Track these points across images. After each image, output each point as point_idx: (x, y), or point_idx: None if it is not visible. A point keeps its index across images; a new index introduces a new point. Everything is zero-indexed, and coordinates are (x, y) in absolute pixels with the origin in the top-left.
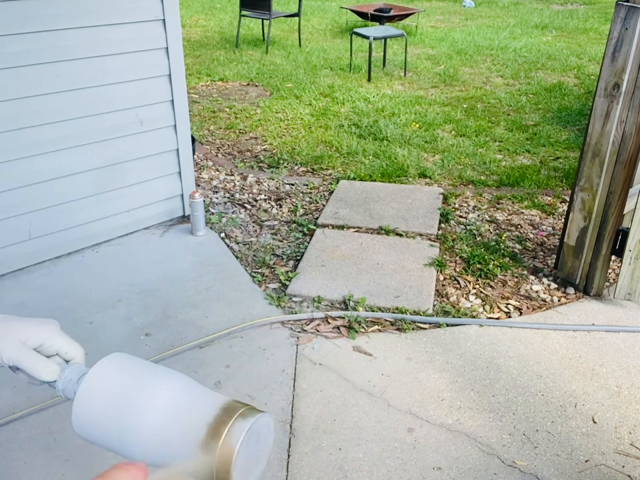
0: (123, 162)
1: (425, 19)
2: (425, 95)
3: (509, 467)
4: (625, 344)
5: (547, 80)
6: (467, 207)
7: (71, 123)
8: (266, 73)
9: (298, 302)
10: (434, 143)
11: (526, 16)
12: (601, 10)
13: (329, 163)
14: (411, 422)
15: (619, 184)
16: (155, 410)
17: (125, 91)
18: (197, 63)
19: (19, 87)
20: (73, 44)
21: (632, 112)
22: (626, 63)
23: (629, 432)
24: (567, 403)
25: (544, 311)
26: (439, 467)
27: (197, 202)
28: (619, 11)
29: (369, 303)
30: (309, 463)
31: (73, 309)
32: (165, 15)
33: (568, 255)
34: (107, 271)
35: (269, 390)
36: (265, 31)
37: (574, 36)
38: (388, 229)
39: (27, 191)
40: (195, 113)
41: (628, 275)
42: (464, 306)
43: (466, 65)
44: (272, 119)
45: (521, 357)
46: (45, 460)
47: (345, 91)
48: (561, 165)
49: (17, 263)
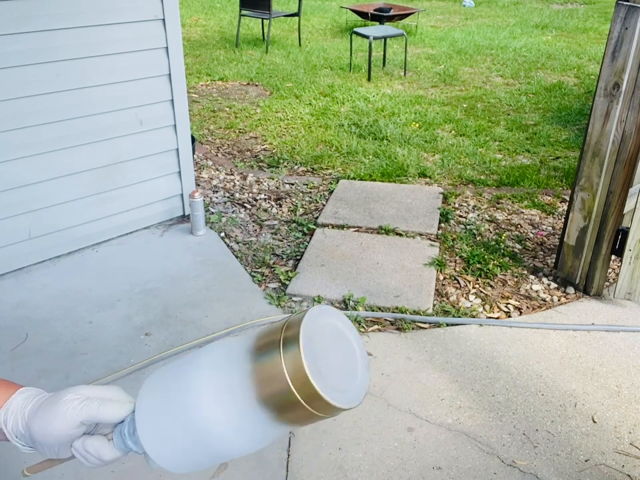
0: (122, 161)
1: (424, 18)
2: (424, 94)
3: (509, 466)
4: (624, 343)
5: (547, 79)
6: (466, 207)
7: (71, 122)
8: (266, 72)
9: (298, 301)
10: (434, 143)
11: (526, 15)
12: (601, 10)
13: (329, 162)
14: (410, 421)
15: (619, 183)
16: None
17: (124, 91)
18: (197, 62)
19: (19, 87)
20: (72, 43)
21: (632, 111)
22: (626, 62)
23: (629, 431)
24: (566, 403)
25: (544, 310)
26: (438, 466)
27: (197, 201)
28: (618, 11)
29: (368, 302)
30: (308, 462)
31: (73, 308)
32: (165, 15)
33: (568, 254)
34: (106, 271)
35: None
36: (264, 31)
37: (574, 35)
38: (388, 228)
39: (27, 190)
40: (194, 113)
41: (628, 275)
42: (464, 305)
43: (466, 65)
44: (272, 118)
45: (520, 357)
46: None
47: (345, 91)
48: (560, 165)
49: (17, 262)
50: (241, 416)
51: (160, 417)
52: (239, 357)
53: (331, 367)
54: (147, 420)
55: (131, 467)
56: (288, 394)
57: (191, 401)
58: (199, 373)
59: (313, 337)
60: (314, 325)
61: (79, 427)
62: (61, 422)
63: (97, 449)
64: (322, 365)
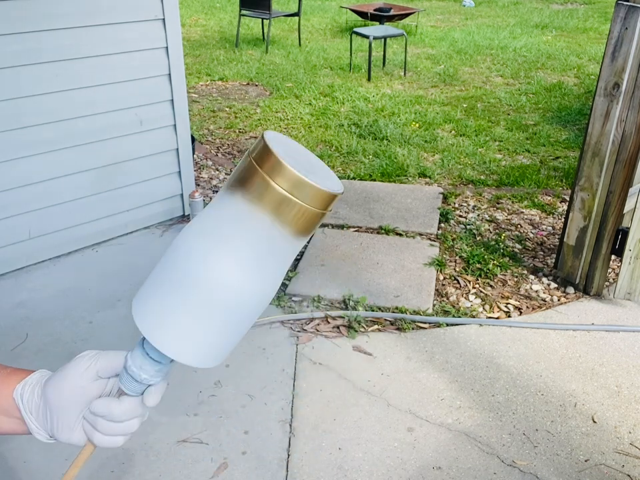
0: (122, 161)
1: (424, 18)
2: (424, 94)
3: (509, 466)
4: (624, 343)
5: (547, 79)
6: (466, 207)
7: (71, 122)
8: (266, 72)
9: (298, 301)
10: (434, 143)
11: (526, 15)
12: (601, 10)
13: (329, 162)
14: (410, 421)
15: (619, 183)
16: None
17: (124, 91)
18: (197, 62)
19: (18, 87)
20: (72, 43)
21: (632, 111)
22: (626, 62)
23: (629, 431)
24: (566, 403)
25: (544, 310)
26: (438, 466)
27: (197, 201)
28: (618, 11)
29: (368, 302)
30: (308, 462)
31: (73, 308)
32: (165, 15)
33: (568, 254)
34: (106, 271)
35: (269, 389)
36: (264, 31)
37: (574, 35)
38: (388, 228)
39: (27, 190)
40: (194, 113)
41: (628, 275)
42: (464, 305)
43: (466, 65)
44: (272, 118)
45: (520, 357)
46: (44, 459)
47: (345, 91)
48: (560, 165)
49: (17, 262)
50: (253, 247)
51: (175, 310)
52: (216, 205)
53: (303, 164)
54: (162, 327)
55: (131, 466)
56: (265, 184)
57: (207, 269)
58: (197, 245)
59: (278, 140)
60: (277, 137)
61: (95, 379)
62: (74, 372)
63: (105, 404)
64: (293, 159)
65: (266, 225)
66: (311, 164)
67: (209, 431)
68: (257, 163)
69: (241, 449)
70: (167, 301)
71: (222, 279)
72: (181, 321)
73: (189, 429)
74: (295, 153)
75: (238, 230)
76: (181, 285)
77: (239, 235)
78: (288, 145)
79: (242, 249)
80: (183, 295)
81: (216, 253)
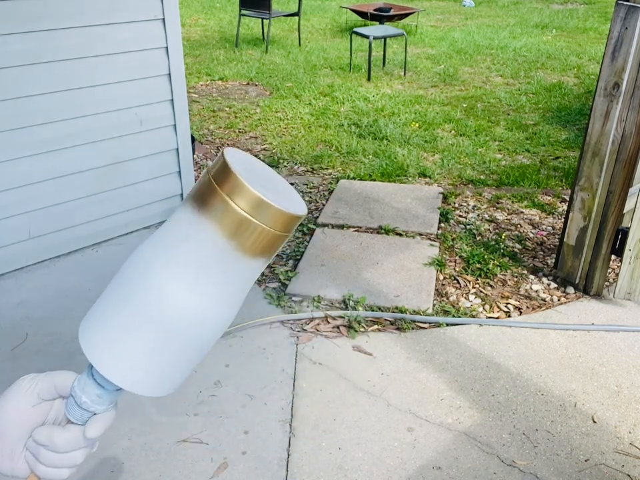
0: (122, 161)
1: (424, 18)
2: (424, 94)
3: (509, 466)
4: (624, 343)
5: (547, 79)
6: (466, 207)
7: (70, 122)
8: (266, 72)
9: (298, 301)
10: (434, 143)
11: (526, 15)
12: (601, 9)
13: (329, 162)
14: (410, 421)
15: (619, 183)
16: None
17: (124, 91)
18: (197, 62)
19: (18, 87)
20: (72, 43)
21: (632, 111)
22: (626, 62)
23: (629, 431)
24: (566, 403)
25: (544, 310)
26: (438, 466)
27: None
28: (618, 11)
29: (368, 302)
30: (308, 462)
31: (73, 308)
32: (165, 14)
33: (568, 254)
34: (107, 271)
35: (269, 389)
36: (264, 31)
37: (574, 35)
38: (388, 228)
39: (27, 190)
40: (194, 113)
41: (627, 275)
42: (464, 305)
43: (466, 65)
44: (272, 118)
45: (520, 357)
46: None
47: (345, 91)
48: (560, 165)
49: (17, 262)
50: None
51: (120, 338)
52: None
53: (264, 184)
54: (107, 351)
55: (131, 466)
56: (223, 204)
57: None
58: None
59: (238, 157)
60: (238, 154)
61: (36, 402)
62: (16, 394)
63: (47, 432)
64: (254, 178)
65: (222, 245)
66: (273, 183)
67: (209, 430)
68: (216, 181)
69: (240, 449)
70: (111, 319)
71: (171, 301)
72: (124, 342)
73: (189, 428)
74: (257, 172)
75: (191, 250)
76: (127, 305)
77: (192, 256)
78: (249, 163)
79: (194, 271)
80: (128, 315)
81: (166, 274)
